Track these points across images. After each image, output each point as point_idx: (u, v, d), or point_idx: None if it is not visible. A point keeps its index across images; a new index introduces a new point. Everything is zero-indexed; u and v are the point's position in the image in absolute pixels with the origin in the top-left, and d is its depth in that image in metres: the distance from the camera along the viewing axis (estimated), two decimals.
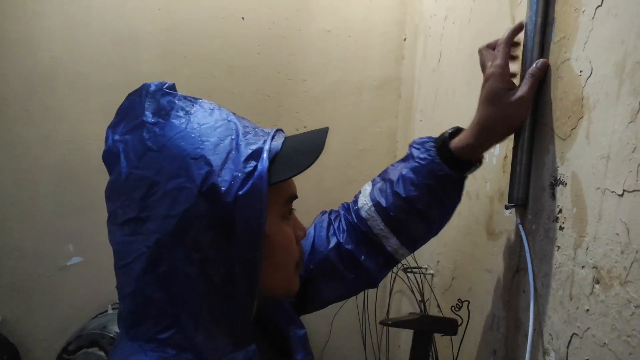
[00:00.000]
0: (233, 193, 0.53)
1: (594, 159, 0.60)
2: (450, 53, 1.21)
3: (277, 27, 1.60)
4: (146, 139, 0.55)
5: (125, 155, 0.56)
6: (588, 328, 0.60)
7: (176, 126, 0.56)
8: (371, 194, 0.80)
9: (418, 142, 0.79)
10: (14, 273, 1.55)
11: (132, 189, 0.55)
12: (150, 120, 0.56)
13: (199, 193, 0.52)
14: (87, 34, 1.51)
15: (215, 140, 0.55)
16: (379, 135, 1.69)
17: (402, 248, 0.79)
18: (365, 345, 1.62)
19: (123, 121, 0.59)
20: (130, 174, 0.55)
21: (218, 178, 0.53)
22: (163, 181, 0.53)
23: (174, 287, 0.54)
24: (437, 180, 0.75)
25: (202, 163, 0.53)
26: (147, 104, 0.58)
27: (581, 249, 0.62)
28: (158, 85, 0.59)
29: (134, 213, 0.54)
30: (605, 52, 0.59)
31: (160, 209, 0.53)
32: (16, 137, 1.50)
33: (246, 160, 0.55)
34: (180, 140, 0.55)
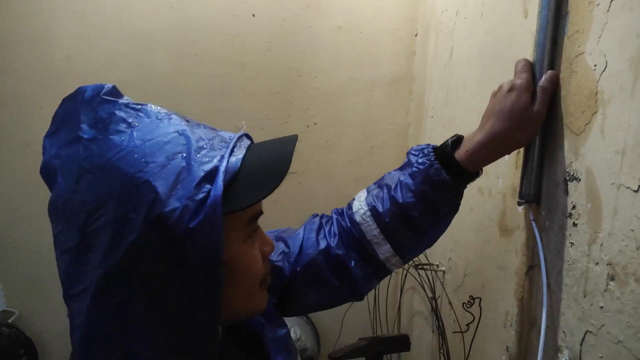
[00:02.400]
0: (183, 225, 0.46)
1: (609, 154, 0.59)
2: (461, 49, 1.20)
3: (288, 23, 1.60)
4: (82, 159, 0.48)
5: (61, 174, 0.50)
6: (603, 325, 0.59)
7: (116, 144, 0.48)
8: (367, 199, 0.76)
9: (416, 148, 0.76)
10: (30, 269, 1.58)
11: (70, 214, 0.49)
12: (87, 136, 0.49)
13: (145, 224, 0.46)
14: (100, 33, 1.52)
15: (162, 161, 0.48)
16: (390, 132, 1.69)
17: (395, 257, 0.75)
18: None
19: (60, 130, 0.52)
20: (67, 198, 0.49)
21: (166, 208, 0.46)
22: (103, 209, 0.47)
23: (126, 319, 0.49)
24: (432, 186, 0.71)
25: (146, 190, 0.46)
26: (82, 114, 0.50)
27: (596, 245, 0.61)
28: (95, 90, 0.51)
29: (74, 241, 0.48)
30: (620, 46, 0.58)
31: (103, 239, 0.47)
32: (31, 136, 1.52)
33: (199, 185, 0.48)
34: (120, 161, 0.47)
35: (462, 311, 0.93)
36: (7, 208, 1.55)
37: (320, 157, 1.67)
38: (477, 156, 0.70)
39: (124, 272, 0.47)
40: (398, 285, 1.60)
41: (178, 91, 1.58)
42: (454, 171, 0.71)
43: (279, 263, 0.75)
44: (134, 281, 0.48)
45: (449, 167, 0.71)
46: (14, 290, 1.59)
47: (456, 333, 1.00)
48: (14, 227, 1.55)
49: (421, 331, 1.43)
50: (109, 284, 0.47)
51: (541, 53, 0.72)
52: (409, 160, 0.76)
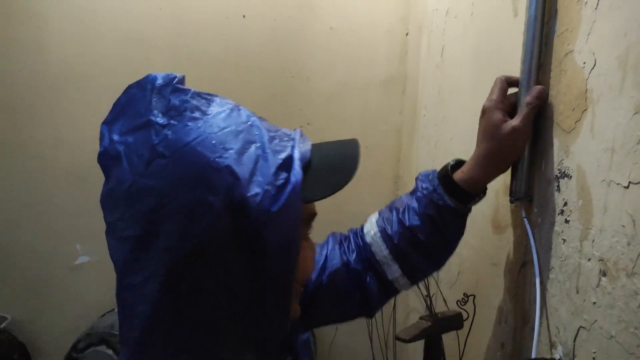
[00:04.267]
0: (265, 210, 0.47)
1: (599, 152, 0.60)
2: (452, 48, 1.21)
3: (280, 25, 1.60)
4: (155, 143, 0.48)
5: (127, 159, 0.49)
6: (595, 321, 0.60)
7: (193, 130, 0.48)
8: (377, 221, 0.79)
9: (423, 174, 0.79)
10: (24, 273, 1.57)
11: (136, 199, 0.48)
12: (160, 121, 0.49)
13: (224, 207, 0.47)
14: (94, 37, 1.52)
15: (239, 148, 0.49)
16: (385, 131, 1.70)
17: (403, 278, 0.78)
18: (372, 341, 1.62)
19: (121, 118, 0.52)
20: (134, 182, 0.48)
21: (247, 192, 0.47)
22: (176, 193, 0.47)
23: (193, 308, 0.49)
24: (437, 211, 0.74)
25: (227, 174, 0.47)
26: (154, 100, 0.50)
27: (587, 241, 0.62)
28: (166, 79, 0.51)
29: (139, 227, 0.48)
30: (608, 44, 0.59)
31: (173, 224, 0.47)
32: (27, 139, 1.52)
33: (277, 172, 0.49)
34: (198, 146, 0.47)
35: (457, 309, 0.94)
36: (2, 212, 1.54)
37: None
38: (474, 176, 0.73)
39: (197, 258, 0.47)
40: None
41: None
42: (456, 195, 0.74)
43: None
44: (206, 267, 0.48)
45: (452, 191, 0.74)
46: (6, 295, 1.58)
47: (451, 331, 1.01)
48: (6, 231, 1.55)
49: None
50: (179, 270, 0.47)
51: (530, 52, 0.73)
52: (416, 185, 0.79)
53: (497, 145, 0.71)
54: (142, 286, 0.49)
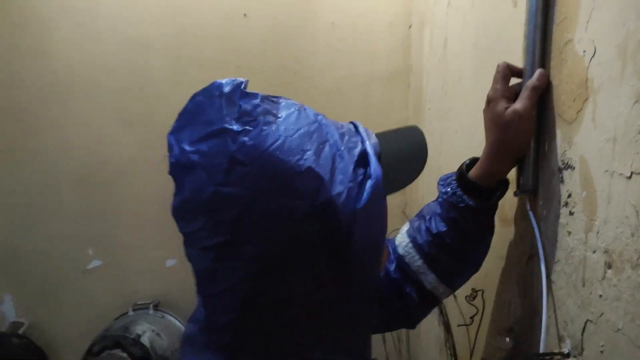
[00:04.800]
0: (350, 207, 0.47)
1: (601, 142, 0.59)
2: (454, 40, 1.19)
3: (281, 23, 1.60)
4: (233, 151, 0.47)
5: (204, 169, 0.48)
6: (602, 313, 0.59)
7: (270, 134, 0.48)
8: (408, 232, 0.79)
9: (443, 178, 0.78)
10: (39, 278, 1.60)
11: (218, 208, 0.47)
12: (235, 128, 0.48)
13: (310, 210, 0.46)
14: (98, 42, 1.54)
15: (316, 149, 0.49)
16: (390, 126, 1.67)
17: (442, 285, 0.77)
18: (384, 335, 1.62)
19: (188, 127, 0.50)
20: (215, 191, 0.47)
21: (331, 192, 0.47)
22: (261, 200, 0.46)
23: (285, 313, 0.49)
24: (459, 213, 0.73)
25: (311, 177, 0.47)
26: (225, 108, 0.49)
27: (592, 233, 0.61)
28: (233, 85, 0.51)
29: (223, 237, 0.48)
30: (608, 33, 0.58)
31: (261, 231, 0.47)
32: (36, 145, 1.54)
33: (355, 168, 0.49)
34: (278, 151, 0.47)
35: (467, 304, 0.94)
36: (15, 218, 1.57)
37: None
38: (489, 170, 0.73)
39: (285, 265, 0.47)
40: None
41: (176, 96, 1.57)
42: (477, 193, 0.73)
43: None
44: (296, 272, 0.48)
45: (471, 190, 0.73)
46: (23, 301, 1.61)
47: (461, 326, 1.00)
48: (22, 237, 1.57)
49: (429, 325, 1.43)
50: (267, 277, 0.47)
51: (531, 42, 0.72)
52: (438, 190, 0.78)
53: (504, 134, 0.70)
54: (226, 294, 0.49)
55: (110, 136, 1.55)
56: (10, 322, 1.62)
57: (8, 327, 1.60)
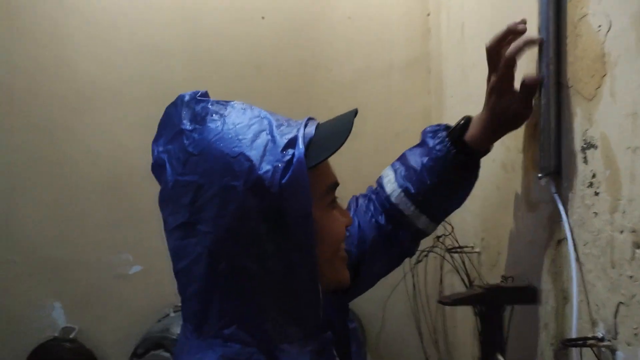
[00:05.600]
0: (277, 183, 0.55)
1: (621, 118, 0.56)
2: (471, 22, 1.17)
3: (298, 20, 1.60)
4: (187, 145, 0.58)
5: (169, 164, 0.59)
6: (634, 295, 0.57)
7: (213, 129, 0.58)
8: (397, 181, 0.85)
9: (430, 130, 0.85)
10: (84, 285, 1.66)
11: (179, 195, 0.57)
12: (188, 128, 0.59)
13: (246, 189, 0.54)
14: (118, 52, 1.58)
15: (252, 137, 0.57)
16: (412, 116, 1.66)
17: (432, 224, 0.87)
18: (420, 328, 1.61)
19: (164, 133, 0.62)
20: (176, 181, 0.58)
21: (260, 171, 0.55)
22: (209, 183, 0.56)
23: (235, 283, 0.56)
24: (454, 168, 0.80)
25: (243, 159, 0.55)
26: (183, 113, 0.60)
27: (618, 213, 0.59)
28: (192, 95, 0.62)
29: (184, 218, 0.57)
30: (622, 3, 0.55)
31: (211, 210, 0.55)
32: (62, 156, 1.59)
33: (283, 150, 0.57)
34: (218, 141, 0.57)
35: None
36: (50, 229, 1.63)
37: (344, 148, 1.65)
38: (483, 135, 0.79)
39: (231, 236, 0.55)
40: (437, 270, 1.58)
41: None
42: (469, 152, 0.80)
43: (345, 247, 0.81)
44: (241, 244, 0.55)
45: (463, 148, 0.80)
46: (72, 307, 1.68)
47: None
48: (65, 247, 1.63)
49: (464, 313, 1.41)
50: (219, 249, 0.56)
51: (545, 19, 0.70)
52: (426, 143, 0.84)
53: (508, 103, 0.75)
54: (190, 268, 0.58)
55: (135, 143, 1.58)
56: (61, 328, 1.69)
57: (60, 333, 1.68)
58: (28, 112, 1.59)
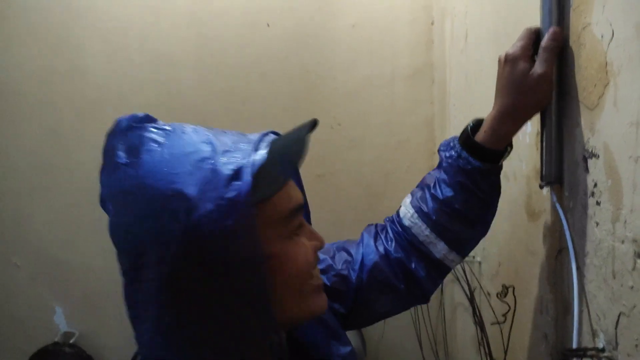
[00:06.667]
0: (219, 225, 0.47)
1: (624, 127, 0.56)
2: (475, 31, 1.17)
3: (302, 28, 1.61)
4: (122, 182, 0.51)
5: (111, 202, 0.53)
6: (634, 306, 0.57)
7: (147, 162, 0.50)
8: (412, 202, 0.77)
9: (444, 144, 0.77)
10: (85, 290, 1.66)
11: (121, 239, 0.52)
12: (124, 161, 0.52)
13: (183, 232, 0.47)
14: (127, 59, 1.59)
15: (190, 169, 0.49)
16: (415, 124, 1.66)
17: (451, 253, 0.75)
18: (421, 338, 1.60)
19: (105, 165, 0.55)
20: (115, 224, 0.52)
21: (199, 212, 0.47)
22: (145, 226, 0.49)
23: (186, 335, 0.51)
24: (467, 176, 0.72)
25: (179, 198, 0.48)
26: (119, 143, 0.53)
27: (619, 223, 0.58)
28: (129, 120, 0.55)
29: (128, 263, 0.51)
30: (625, 12, 0.55)
31: (150, 255, 0.49)
32: (72, 163, 1.61)
33: (227, 184, 0.48)
34: (151, 177, 0.49)
35: (499, 302, 0.91)
36: (57, 233, 1.64)
37: (347, 157, 1.67)
38: (496, 133, 0.71)
39: (175, 285, 0.49)
40: None
41: (204, 106, 1.62)
42: (482, 155, 0.72)
43: (344, 272, 0.76)
44: (185, 293, 0.49)
45: (477, 152, 0.72)
46: (73, 312, 1.68)
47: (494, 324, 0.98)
48: (67, 251, 1.64)
49: (465, 323, 1.41)
50: (165, 298, 0.49)
51: (547, 28, 0.70)
52: (440, 157, 0.77)
53: (524, 96, 0.68)
54: (143, 316, 0.52)
55: None
56: (62, 332, 1.69)
57: (60, 337, 1.67)
58: (38, 118, 1.60)
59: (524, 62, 0.67)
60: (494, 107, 0.72)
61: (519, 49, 0.68)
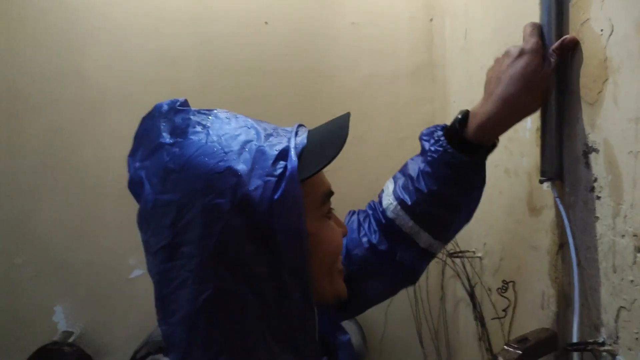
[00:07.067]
0: (267, 199, 0.50)
1: (624, 122, 0.57)
2: (475, 29, 1.17)
3: (303, 26, 1.61)
4: (167, 161, 0.52)
5: (148, 181, 0.54)
6: (635, 300, 0.57)
7: (195, 142, 0.53)
8: (394, 193, 0.76)
9: (426, 133, 0.76)
10: (85, 289, 1.66)
11: (160, 215, 0.52)
12: (168, 141, 0.53)
13: (232, 207, 0.50)
14: (129, 59, 1.59)
15: (238, 149, 0.52)
16: (417, 122, 1.66)
17: (435, 242, 0.76)
18: (422, 334, 1.61)
19: (141, 147, 0.57)
20: (156, 200, 0.52)
21: (249, 187, 0.50)
22: (192, 202, 0.50)
23: (224, 308, 0.51)
24: (453, 170, 0.71)
25: (229, 175, 0.50)
26: (162, 125, 0.55)
27: (620, 218, 0.59)
28: (170, 104, 0.57)
29: (166, 240, 0.52)
30: (624, 8, 0.56)
31: (195, 230, 0.50)
32: (77, 161, 1.61)
33: (274, 162, 0.52)
34: (202, 156, 0.52)
35: (498, 297, 0.92)
36: (61, 232, 1.64)
37: (350, 154, 1.65)
38: (490, 128, 0.70)
39: (220, 258, 0.50)
40: (439, 275, 1.58)
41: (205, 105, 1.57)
42: (469, 149, 0.71)
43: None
44: (229, 266, 0.50)
45: (463, 146, 0.71)
46: (73, 311, 1.68)
47: (495, 319, 0.98)
48: (68, 250, 1.64)
49: (466, 318, 1.41)
50: (206, 272, 0.50)
51: (548, 24, 0.70)
52: (422, 146, 0.76)
53: (526, 91, 0.67)
54: (176, 294, 0.52)
55: None
56: (61, 331, 1.69)
57: (60, 336, 1.68)
58: (42, 118, 1.61)
59: (540, 57, 0.67)
60: (489, 99, 0.70)
61: (537, 45, 0.67)
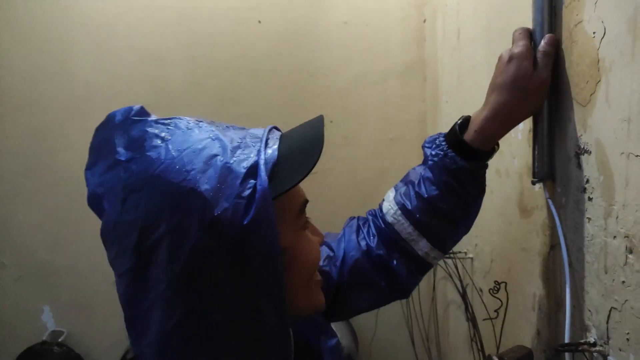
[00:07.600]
0: (238, 223, 0.46)
1: (616, 123, 0.57)
2: (467, 29, 1.17)
3: (294, 25, 1.61)
4: (124, 180, 0.49)
5: (107, 200, 0.50)
6: (626, 300, 0.57)
7: (154, 159, 0.48)
8: (395, 198, 0.76)
9: (429, 140, 0.75)
10: (73, 290, 1.64)
11: (122, 236, 0.49)
12: (124, 158, 0.50)
13: (201, 228, 0.46)
14: (115, 58, 1.57)
15: (202, 166, 0.48)
16: (408, 122, 1.67)
17: (434, 250, 0.75)
18: (413, 335, 1.61)
19: (99, 161, 0.52)
20: (117, 221, 0.49)
21: (217, 210, 0.46)
22: (156, 223, 0.47)
23: (196, 332, 0.49)
24: (452, 176, 0.70)
25: (194, 197, 0.46)
26: (116, 138, 0.51)
27: (611, 218, 0.59)
28: (124, 113, 0.53)
29: (130, 262, 0.49)
30: (617, 9, 0.56)
31: (161, 252, 0.47)
32: (59, 163, 1.58)
33: (243, 181, 0.48)
34: (163, 174, 0.47)
35: (492, 297, 0.92)
36: (44, 234, 1.62)
37: (340, 154, 1.66)
38: (487, 133, 0.69)
39: (189, 281, 0.47)
40: (430, 276, 1.58)
41: (194, 105, 1.61)
42: (469, 154, 0.70)
43: (325, 268, 0.75)
44: (199, 289, 0.47)
45: (463, 151, 0.70)
46: (61, 311, 1.66)
47: (486, 320, 0.98)
48: (53, 251, 1.62)
49: (457, 320, 1.41)
50: (176, 296, 0.47)
51: (540, 25, 0.70)
52: (425, 153, 0.75)
53: (519, 97, 0.67)
54: (145, 317, 0.49)
55: None
56: (50, 331, 1.67)
57: (49, 336, 1.66)
58: (25, 118, 1.58)
59: (529, 62, 0.66)
60: (486, 105, 0.70)
61: (525, 49, 0.66)
